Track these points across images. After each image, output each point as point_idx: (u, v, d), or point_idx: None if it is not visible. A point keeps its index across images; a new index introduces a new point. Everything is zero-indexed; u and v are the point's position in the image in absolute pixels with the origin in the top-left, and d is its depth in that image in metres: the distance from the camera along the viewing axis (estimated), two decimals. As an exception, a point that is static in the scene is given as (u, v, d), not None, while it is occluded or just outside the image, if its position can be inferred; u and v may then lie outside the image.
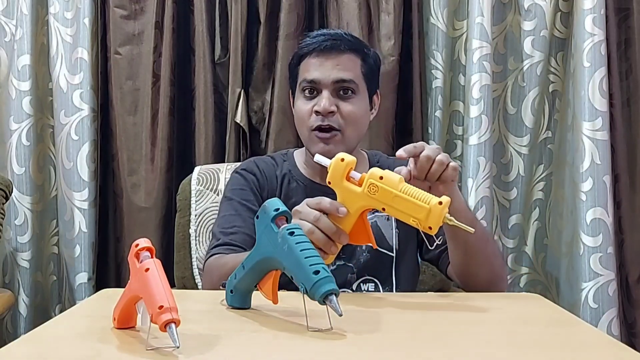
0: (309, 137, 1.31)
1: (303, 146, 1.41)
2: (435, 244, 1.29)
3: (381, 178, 0.91)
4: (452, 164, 1.06)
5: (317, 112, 1.28)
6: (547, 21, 1.91)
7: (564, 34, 1.93)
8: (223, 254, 1.23)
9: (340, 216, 0.94)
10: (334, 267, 1.28)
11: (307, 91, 1.31)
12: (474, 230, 0.93)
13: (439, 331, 0.81)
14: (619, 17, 1.92)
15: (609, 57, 1.84)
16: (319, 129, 1.29)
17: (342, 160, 0.93)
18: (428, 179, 1.04)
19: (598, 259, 1.79)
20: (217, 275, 1.16)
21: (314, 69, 1.30)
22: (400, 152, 1.04)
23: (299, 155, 1.42)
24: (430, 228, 0.87)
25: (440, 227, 0.89)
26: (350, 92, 1.29)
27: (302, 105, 1.32)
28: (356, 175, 0.94)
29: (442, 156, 1.04)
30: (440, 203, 0.86)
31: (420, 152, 1.04)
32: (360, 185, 0.92)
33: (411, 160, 1.05)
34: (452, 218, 0.89)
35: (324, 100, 1.28)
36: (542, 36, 1.92)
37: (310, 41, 1.33)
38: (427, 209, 0.86)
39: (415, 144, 1.05)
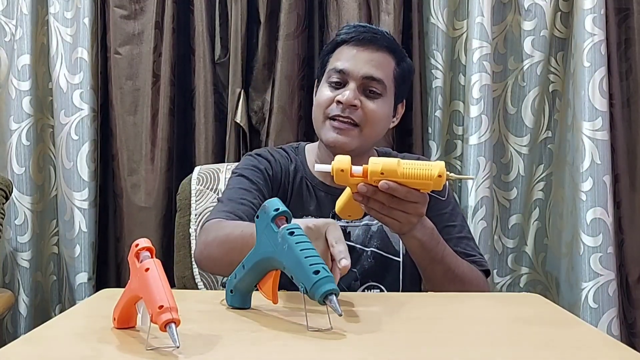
0: (322, 124, 1.25)
1: (310, 142, 1.37)
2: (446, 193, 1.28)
3: (382, 173, 0.95)
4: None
5: (338, 102, 1.23)
6: (547, 21, 1.91)
7: (564, 33, 1.93)
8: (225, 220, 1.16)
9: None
10: None
11: (334, 81, 1.25)
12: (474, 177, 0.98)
13: (439, 331, 0.81)
14: (619, 17, 1.92)
15: (609, 57, 1.85)
16: (338, 118, 1.23)
17: (342, 171, 0.96)
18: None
19: (598, 259, 1.79)
20: (214, 236, 1.11)
21: (347, 59, 1.24)
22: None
23: (310, 152, 1.35)
24: (439, 176, 0.94)
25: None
26: (376, 93, 1.24)
27: (325, 92, 1.26)
28: (358, 169, 0.97)
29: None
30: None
31: None
32: (365, 176, 0.96)
33: None
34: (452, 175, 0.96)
35: (349, 91, 1.22)
36: (542, 36, 1.92)
37: (348, 30, 1.28)
38: (431, 172, 0.94)
39: None
